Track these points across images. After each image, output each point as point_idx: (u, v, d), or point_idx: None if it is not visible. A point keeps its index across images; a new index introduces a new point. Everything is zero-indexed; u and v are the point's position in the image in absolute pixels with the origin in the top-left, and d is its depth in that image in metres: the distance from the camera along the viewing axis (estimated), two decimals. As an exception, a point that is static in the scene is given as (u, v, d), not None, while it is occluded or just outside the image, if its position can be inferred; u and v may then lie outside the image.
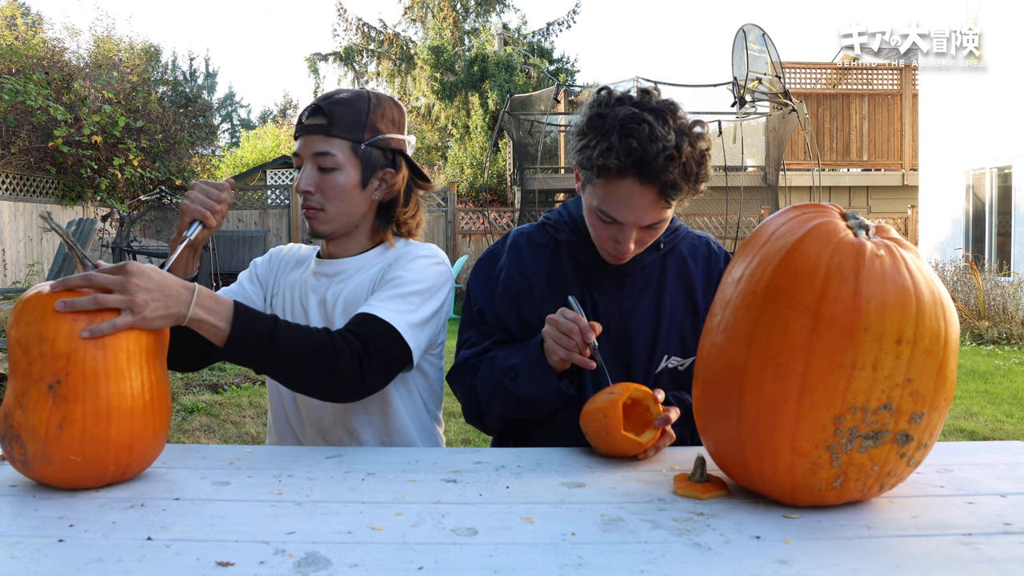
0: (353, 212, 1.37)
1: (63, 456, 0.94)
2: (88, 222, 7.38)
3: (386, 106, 1.38)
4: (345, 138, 1.33)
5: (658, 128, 1.15)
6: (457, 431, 4.17)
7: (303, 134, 1.35)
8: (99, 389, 0.95)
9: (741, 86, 9.95)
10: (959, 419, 4.58)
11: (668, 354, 1.36)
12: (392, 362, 1.25)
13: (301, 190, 1.34)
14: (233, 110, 25.75)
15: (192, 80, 22.25)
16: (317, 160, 1.33)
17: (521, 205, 11.91)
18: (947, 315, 0.88)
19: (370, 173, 1.36)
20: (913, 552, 0.80)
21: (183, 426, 4.27)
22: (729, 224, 10.94)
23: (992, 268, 8.93)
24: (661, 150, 1.14)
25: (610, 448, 1.12)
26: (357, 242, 1.42)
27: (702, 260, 1.41)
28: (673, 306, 1.36)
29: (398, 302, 1.28)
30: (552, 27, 20.47)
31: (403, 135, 1.41)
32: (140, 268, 1.01)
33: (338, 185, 1.33)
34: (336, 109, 1.33)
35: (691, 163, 1.18)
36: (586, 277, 1.37)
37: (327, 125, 1.32)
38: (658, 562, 0.77)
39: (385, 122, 1.37)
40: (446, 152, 21.40)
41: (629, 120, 1.16)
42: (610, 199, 1.21)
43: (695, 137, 1.19)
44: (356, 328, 1.22)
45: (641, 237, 1.26)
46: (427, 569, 0.76)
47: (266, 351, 1.12)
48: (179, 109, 13.59)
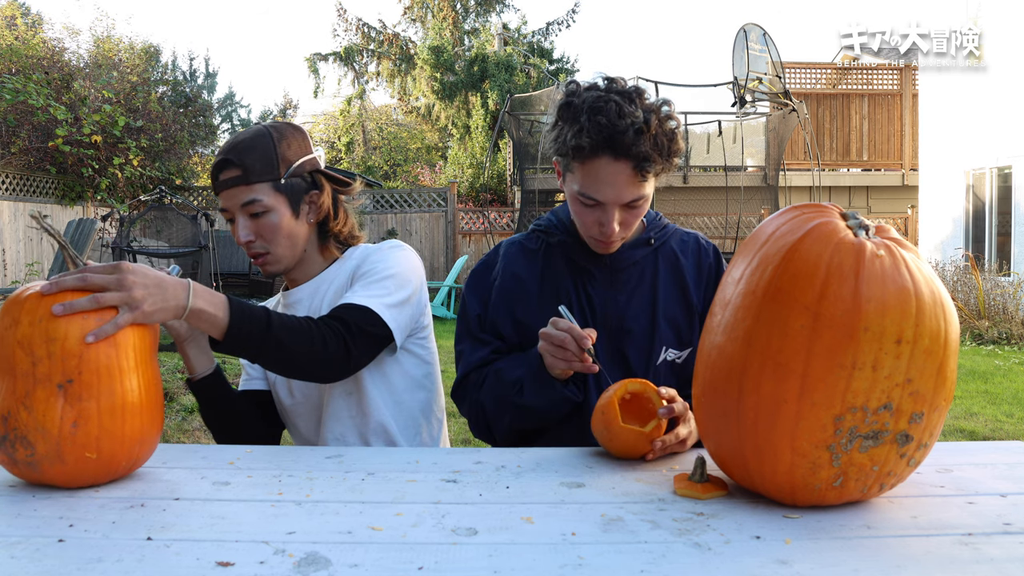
0: (297, 244, 1.43)
1: (78, 454, 0.94)
2: (88, 222, 7.39)
3: (288, 135, 1.41)
4: (264, 181, 1.36)
5: (625, 106, 1.21)
6: (457, 431, 4.17)
7: (224, 190, 1.38)
8: (113, 386, 0.97)
9: (741, 86, 9.95)
10: (959, 419, 4.58)
11: (665, 346, 1.37)
12: (374, 340, 1.32)
13: (242, 243, 1.39)
14: (233, 110, 25.73)
15: (192, 80, 22.23)
16: (246, 210, 1.37)
17: (521, 205, 11.91)
18: (947, 315, 0.88)
19: (298, 202, 1.41)
20: (913, 552, 0.80)
21: (183, 426, 4.27)
22: (729, 224, 10.94)
23: (992, 268, 8.93)
24: (630, 124, 1.20)
25: (616, 444, 1.11)
26: (312, 263, 1.48)
27: (692, 254, 1.44)
28: (667, 299, 1.39)
29: (371, 288, 1.35)
30: (552, 27, 20.48)
31: (312, 153, 1.45)
32: (134, 266, 1.03)
33: (274, 226, 1.38)
34: (245, 157, 1.36)
35: (661, 137, 1.23)
36: (580, 275, 1.39)
37: (243, 175, 1.35)
38: (658, 562, 0.77)
39: (293, 150, 1.40)
40: (446, 152, 21.41)
41: (596, 101, 1.22)
42: (588, 180, 1.25)
43: (663, 114, 1.25)
44: (336, 313, 1.29)
45: (624, 218, 1.29)
46: (427, 569, 0.76)
47: (263, 337, 1.17)
48: (179, 109, 13.59)
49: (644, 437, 1.09)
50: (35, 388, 0.94)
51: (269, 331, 1.17)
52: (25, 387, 0.94)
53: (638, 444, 1.10)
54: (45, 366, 0.94)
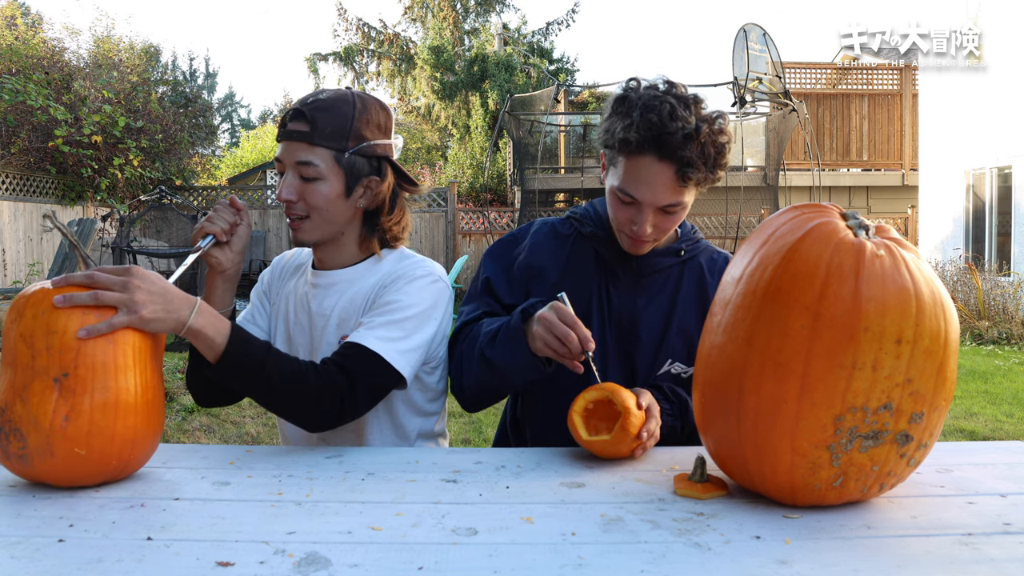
0: (337, 221, 1.33)
1: (67, 449, 0.94)
2: (88, 222, 7.39)
3: (372, 110, 1.33)
4: (328, 147, 1.28)
5: (679, 110, 1.20)
6: (457, 431, 4.17)
7: (285, 139, 1.30)
8: (108, 382, 0.96)
9: (741, 86, 9.95)
10: (959, 419, 4.58)
11: (672, 359, 1.36)
12: (380, 390, 1.25)
13: (283, 199, 1.30)
14: (233, 110, 25.75)
15: (192, 80, 22.25)
16: (299, 169, 1.28)
17: (521, 205, 11.91)
18: (947, 315, 0.88)
19: (354, 182, 1.31)
20: (913, 552, 0.80)
21: (183, 426, 4.27)
22: (729, 224, 10.94)
23: (992, 268, 8.93)
24: (680, 128, 1.19)
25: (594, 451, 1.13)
26: (346, 251, 1.38)
27: (719, 274, 1.40)
28: (684, 313, 1.37)
29: (391, 329, 1.25)
30: (552, 27, 20.47)
31: (389, 139, 1.36)
32: (144, 272, 1.03)
33: (321, 195, 1.29)
34: (319, 116, 1.28)
35: (709, 146, 1.22)
36: (605, 271, 1.39)
37: (309, 133, 1.27)
38: (658, 562, 0.77)
39: (371, 128, 1.32)
40: (446, 152, 21.40)
41: (652, 99, 1.22)
42: (629, 177, 1.25)
43: (715, 125, 1.23)
44: (343, 361, 1.21)
45: (659, 222, 1.28)
46: (427, 569, 0.76)
47: (255, 375, 1.13)
48: (179, 109, 13.57)
49: (610, 444, 1.10)
50: (33, 380, 0.94)
51: (262, 372, 1.12)
52: (24, 379, 0.94)
53: (608, 450, 1.11)
54: (44, 359, 0.94)
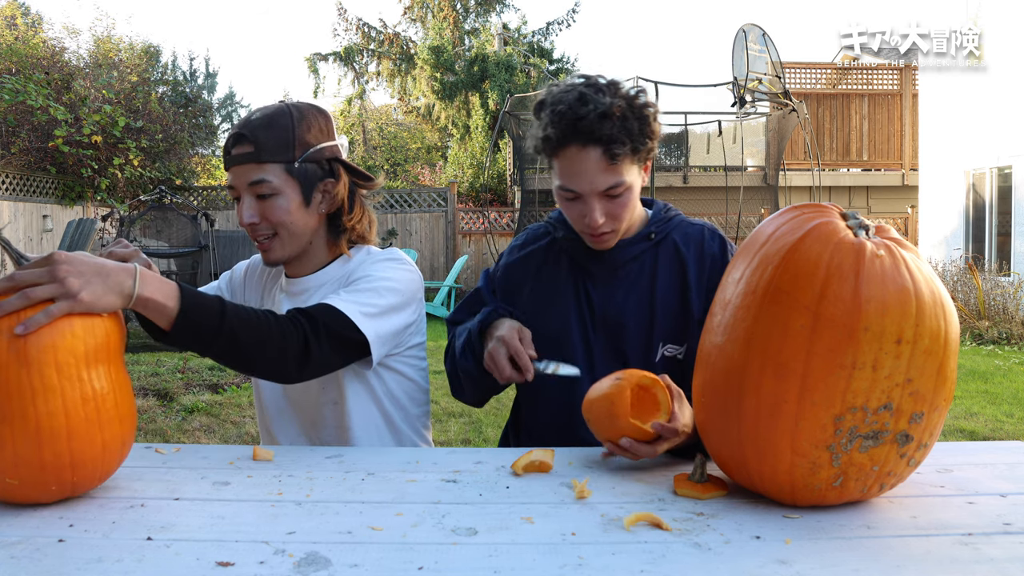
0: (304, 233, 1.34)
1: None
2: (88, 222, 7.39)
3: (309, 116, 1.33)
4: (277, 161, 1.28)
5: (589, 94, 1.23)
6: (457, 431, 4.17)
7: (233, 165, 1.30)
8: (26, 409, 0.87)
9: (741, 86, 9.95)
10: (959, 419, 4.58)
11: (663, 341, 1.36)
12: (342, 343, 1.22)
13: (245, 224, 1.30)
14: (233, 110, 25.70)
15: (192, 80, 22.20)
16: (254, 189, 1.29)
17: (521, 205, 11.91)
18: (947, 315, 0.88)
19: (310, 189, 1.32)
20: (913, 552, 0.80)
21: (183, 426, 4.27)
22: (729, 224, 10.94)
23: (992, 268, 8.93)
24: (592, 109, 1.21)
25: (611, 433, 1.07)
26: (316, 256, 1.40)
27: (694, 245, 1.40)
28: (666, 295, 1.37)
29: (354, 294, 1.27)
30: (552, 27, 20.45)
31: (334, 140, 1.36)
32: (68, 255, 0.95)
33: (281, 209, 1.30)
34: (260, 133, 1.28)
35: (631, 119, 1.23)
36: (579, 273, 1.40)
37: (255, 152, 1.28)
38: (658, 562, 0.77)
39: (313, 133, 1.32)
40: (446, 152, 21.40)
41: (560, 94, 1.26)
42: (563, 172, 1.27)
43: (632, 98, 1.25)
44: (307, 310, 1.21)
45: (609, 209, 1.28)
46: (427, 569, 0.76)
47: (215, 329, 1.07)
48: (179, 109, 13.58)
49: (646, 435, 1.06)
50: None
51: (222, 324, 1.08)
52: None
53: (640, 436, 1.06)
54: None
